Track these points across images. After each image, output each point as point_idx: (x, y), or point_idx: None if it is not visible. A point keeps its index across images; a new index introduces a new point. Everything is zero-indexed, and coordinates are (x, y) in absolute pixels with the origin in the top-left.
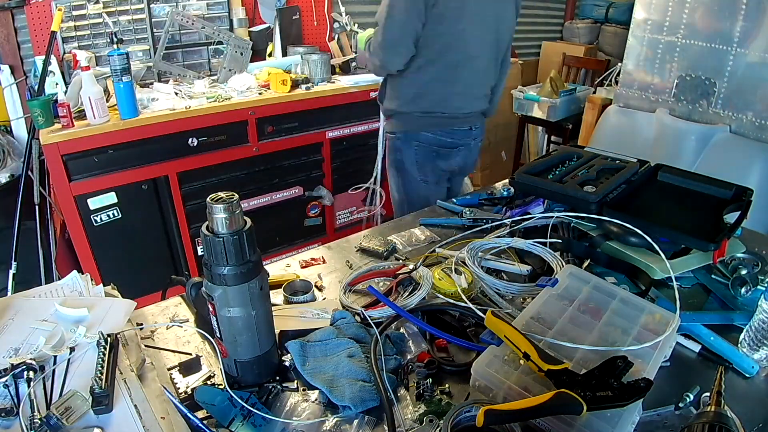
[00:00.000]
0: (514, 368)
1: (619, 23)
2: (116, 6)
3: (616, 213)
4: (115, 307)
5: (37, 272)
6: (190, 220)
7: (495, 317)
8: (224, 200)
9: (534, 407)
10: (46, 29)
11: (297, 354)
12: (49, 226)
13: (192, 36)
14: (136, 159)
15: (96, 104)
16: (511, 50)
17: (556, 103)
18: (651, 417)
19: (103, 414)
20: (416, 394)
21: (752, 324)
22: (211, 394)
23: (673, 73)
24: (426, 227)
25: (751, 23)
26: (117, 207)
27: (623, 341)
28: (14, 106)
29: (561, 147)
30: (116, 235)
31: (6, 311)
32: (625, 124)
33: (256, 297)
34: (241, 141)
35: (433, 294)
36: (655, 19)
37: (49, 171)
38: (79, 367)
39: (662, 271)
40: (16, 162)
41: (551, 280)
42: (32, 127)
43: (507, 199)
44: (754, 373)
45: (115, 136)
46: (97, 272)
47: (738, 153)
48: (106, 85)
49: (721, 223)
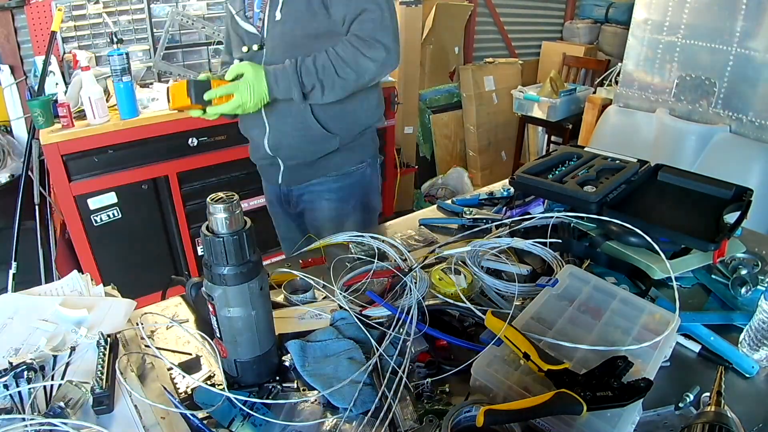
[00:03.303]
0: (514, 368)
1: (619, 23)
2: (116, 6)
3: (616, 213)
4: (115, 307)
5: (37, 272)
6: (190, 220)
7: (495, 317)
8: (224, 200)
9: (534, 407)
10: (46, 29)
11: (297, 354)
12: (49, 226)
13: (192, 36)
14: (136, 159)
15: (96, 104)
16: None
17: (556, 103)
18: (651, 417)
19: (104, 414)
20: (416, 394)
21: (752, 324)
22: (211, 395)
23: (673, 73)
24: (426, 227)
25: (751, 23)
26: (117, 207)
27: (623, 341)
28: (14, 106)
29: (561, 147)
30: (116, 235)
31: (6, 311)
32: (625, 124)
33: (256, 297)
34: (241, 141)
35: (432, 294)
36: (655, 19)
37: (49, 171)
38: (79, 367)
39: (662, 271)
40: (16, 162)
41: (551, 280)
42: (32, 127)
43: (507, 199)
44: (754, 373)
45: (115, 136)
46: (97, 272)
47: (738, 153)
48: (106, 85)
49: (721, 223)
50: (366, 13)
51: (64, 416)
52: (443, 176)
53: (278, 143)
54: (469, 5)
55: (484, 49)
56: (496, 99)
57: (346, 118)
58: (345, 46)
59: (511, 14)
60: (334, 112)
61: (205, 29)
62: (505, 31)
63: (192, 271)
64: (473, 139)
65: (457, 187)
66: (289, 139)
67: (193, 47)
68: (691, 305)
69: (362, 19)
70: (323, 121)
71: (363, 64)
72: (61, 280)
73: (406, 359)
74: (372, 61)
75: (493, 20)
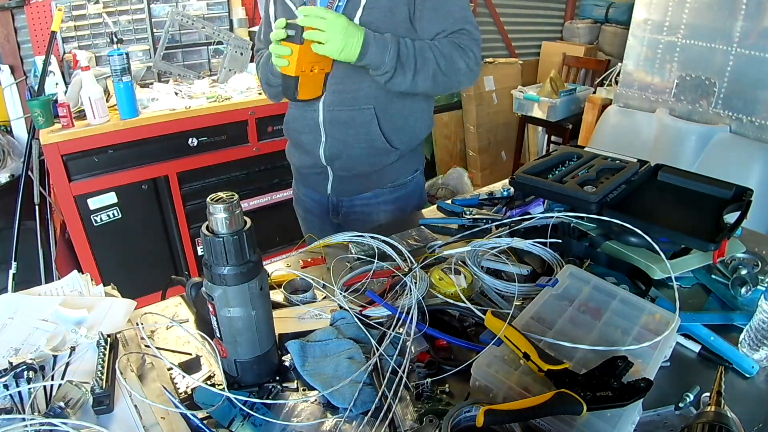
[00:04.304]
0: (514, 368)
1: (619, 23)
2: (116, 6)
3: (616, 213)
4: (115, 307)
5: (37, 272)
6: (190, 220)
7: (495, 317)
8: (224, 200)
9: (534, 407)
10: (46, 29)
11: (297, 354)
12: (49, 226)
13: (192, 36)
14: (136, 159)
15: (96, 104)
16: (512, 50)
17: (556, 103)
18: (651, 417)
19: (104, 414)
20: (416, 394)
21: (752, 324)
22: (211, 395)
23: (673, 73)
24: (426, 227)
25: (751, 23)
26: (117, 207)
27: (623, 341)
28: (14, 106)
29: (561, 147)
30: (116, 235)
31: (6, 311)
32: (625, 124)
33: (256, 297)
34: (241, 141)
35: (432, 294)
36: (655, 19)
37: (49, 171)
38: (79, 367)
39: (662, 271)
40: (16, 162)
41: (551, 280)
42: (32, 127)
43: (507, 199)
44: (754, 373)
45: (115, 136)
46: (97, 272)
47: (738, 153)
48: (106, 85)
49: (721, 223)
50: (464, 31)
51: (64, 416)
52: (443, 176)
53: (337, 153)
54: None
55: (484, 49)
56: (496, 99)
57: (408, 132)
58: (443, 43)
59: (511, 14)
60: (398, 125)
61: (205, 29)
62: (505, 31)
63: (192, 271)
64: (473, 139)
65: (457, 187)
66: (350, 150)
67: (193, 47)
68: (691, 305)
69: (459, 34)
70: (387, 134)
71: (457, 62)
72: (61, 280)
73: (406, 359)
74: (465, 66)
75: (493, 20)
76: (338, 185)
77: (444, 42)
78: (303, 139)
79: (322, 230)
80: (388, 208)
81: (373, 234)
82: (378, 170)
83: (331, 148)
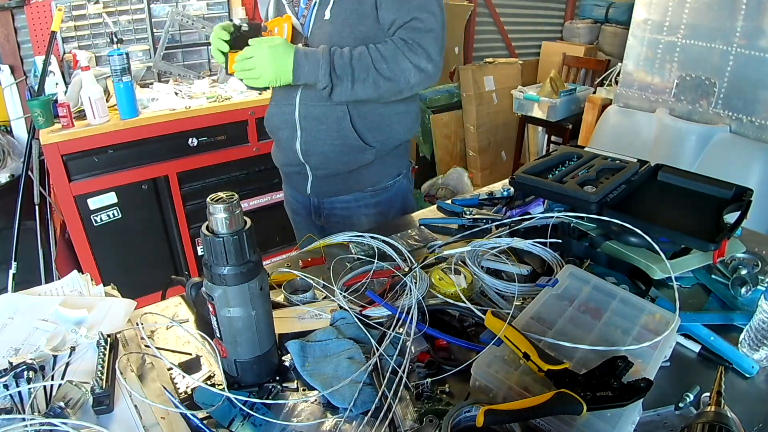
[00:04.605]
0: (514, 368)
1: (619, 23)
2: (116, 6)
3: (616, 213)
4: (115, 307)
5: (37, 272)
6: (190, 220)
7: (495, 317)
8: (224, 200)
9: (534, 407)
10: (46, 29)
11: (297, 354)
12: (49, 226)
13: (192, 36)
14: (136, 159)
15: (96, 104)
16: (512, 50)
17: (556, 103)
18: (651, 417)
19: (104, 414)
20: (416, 394)
21: (752, 324)
22: (211, 395)
23: (673, 73)
24: (426, 227)
25: (751, 23)
26: (117, 207)
27: (623, 341)
28: (14, 106)
29: (561, 147)
30: (116, 235)
31: (6, 311)
32: (625, 124)
33: (256, 297)
34: (241, 141)
35: (432, 294)
36: (655, 19)
37: (49, 171)
38: (79, 367)
39: (662, 271)
40: (16, 162)
41: (551, 280)
42: (32, 127)
43: (507, 199)
44: (754, 373)
45: (115, 136)
46: (97, 272)
47: (738, 153)
48: (106, 85)
49: (721, 223)
50: (416, 21)
51: (64, 416)
52: (443, 176)
53: (311, 149)
54: (469, 5)
55: (484, 49)
56: (496, 99)
57: (384, 131)
58: (386, 44)
59: (511, 14)
60: (373, 122)
61: (205, 29)
62: (505, 31)
63: (192, 271)
64: (473, 139)
65: (457, 187)
66: (322, 146)
67: (193, 47)
68: (691, 305)
69: (411, 26)
70: (360, 131)
71: (402, 65)
72: (61, 280)
73: (406, 359)
74: (412, 66)
75: (493, 20)
76: (317, 186)
77: (389, 42)
78: (281, 136)
79: (309, 232)
80: (369, 212)
81: (373, 234)
82: (354, 170)
83: (306, 143)
